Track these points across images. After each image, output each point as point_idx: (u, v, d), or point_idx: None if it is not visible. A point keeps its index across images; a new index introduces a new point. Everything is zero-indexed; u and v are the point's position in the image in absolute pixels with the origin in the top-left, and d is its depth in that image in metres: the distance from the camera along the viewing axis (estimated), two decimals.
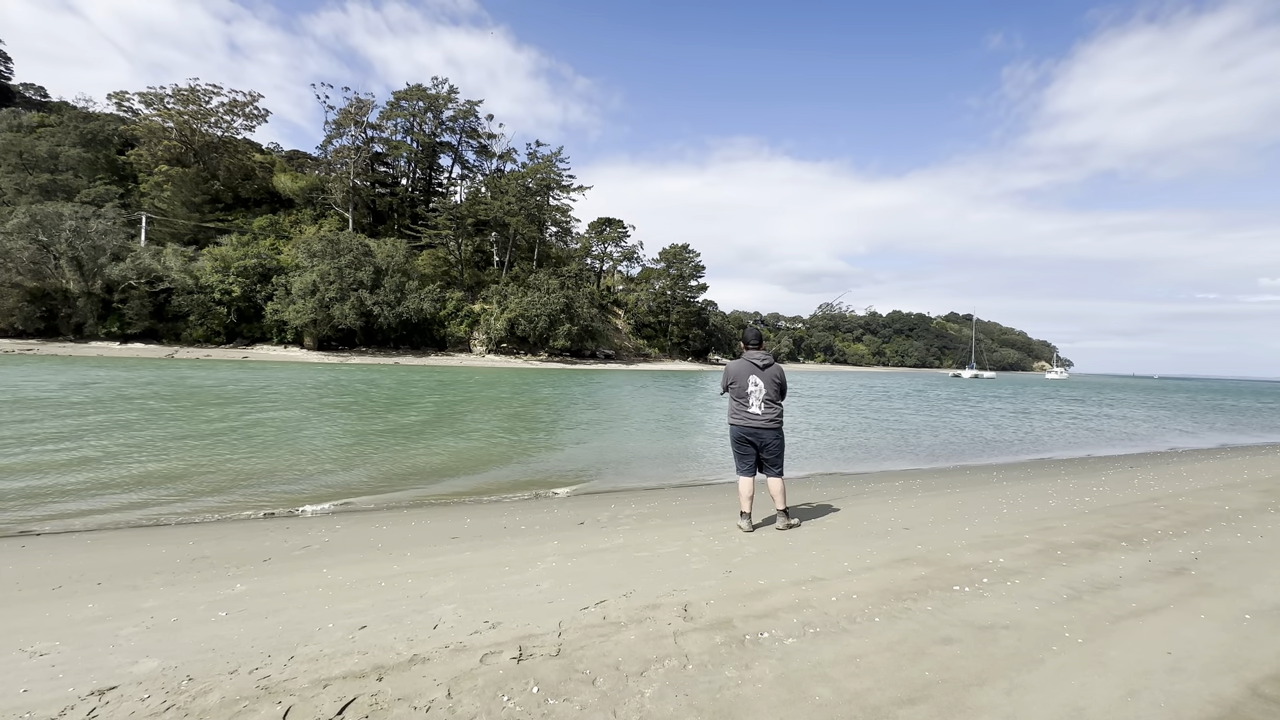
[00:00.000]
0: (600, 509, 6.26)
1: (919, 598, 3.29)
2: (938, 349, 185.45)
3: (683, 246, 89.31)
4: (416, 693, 2.26)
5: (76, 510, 6.05)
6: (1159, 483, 7.55)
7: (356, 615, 3.08)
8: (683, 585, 3.50)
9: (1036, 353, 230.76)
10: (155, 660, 2.57)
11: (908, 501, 6.38)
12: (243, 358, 49.33)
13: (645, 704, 2.20)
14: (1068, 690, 2.34)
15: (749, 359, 4.81)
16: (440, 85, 75.26)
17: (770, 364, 4.80)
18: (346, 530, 5.40)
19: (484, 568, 3.97)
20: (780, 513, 4.94)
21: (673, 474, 8.96)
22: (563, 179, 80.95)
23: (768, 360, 4.79)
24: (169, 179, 60.74)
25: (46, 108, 67.60)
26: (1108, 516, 5.47)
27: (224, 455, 8.92)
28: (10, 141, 56.25)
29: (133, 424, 11.54)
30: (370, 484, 7.60)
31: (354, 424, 13.08)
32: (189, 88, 64.47)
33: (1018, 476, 8.55)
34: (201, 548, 4.78)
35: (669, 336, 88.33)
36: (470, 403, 19.58)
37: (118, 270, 48.94)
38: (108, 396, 16.13)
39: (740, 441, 4.82)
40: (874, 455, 11.58)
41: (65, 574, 4.09)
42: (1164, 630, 2.92)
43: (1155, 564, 4.00)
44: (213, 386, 20.92)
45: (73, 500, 6.36)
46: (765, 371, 4.77)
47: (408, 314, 58.97)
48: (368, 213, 74.49)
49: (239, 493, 6.94)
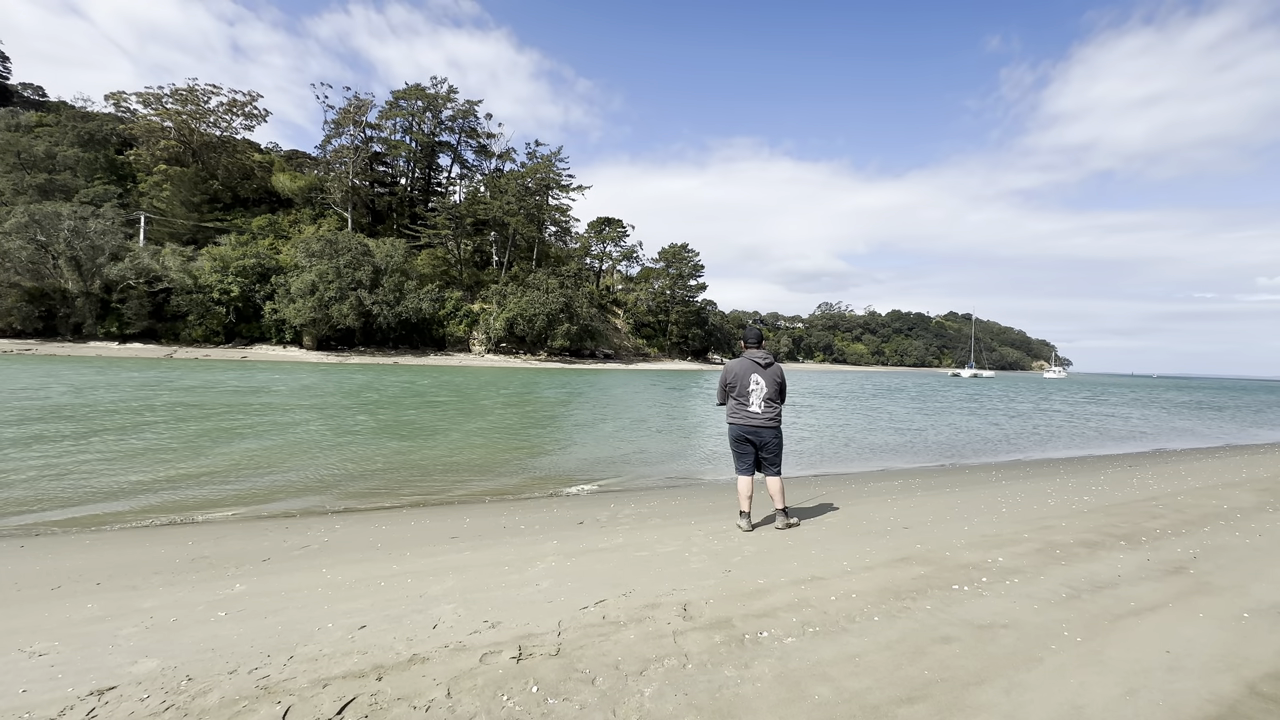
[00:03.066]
0: (599, 508, 6.26)
1: (918, 597, 3.30)
2: (937, 348, 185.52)
3: (682, 246, 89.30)
4: (416, 692, 2.26)
5: (75, 510, 6.04)
6: (1158, 482, 7.56)
7: (356, 615, 3.08)
8: (682, 584, 3.50)
9: (1035, 352, 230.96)
10: (154, 660, 2.57)
11: (907, 500, 6.38)
12: (241, 357, 49.29)
13: (645, 703, 2.20)
14: (1067, 689, 2.34)
15: (750, 358, 4.82)
16: (439, 85, 75.22)
17: (771, 363, 4.81)
18: (346, 530, 5.40)
19: (483, 567, 3.97)
20: (779, 512, 4.95)
21: (672, 473, 8.97)
22: (562, 179, 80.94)
23: (769, 359, 4.80)
24: (167, 179, 60.68)
25: (44, 107, 67.43)
26: (1106, 515, 5.48)
27: (225, 455, 8.91)
28: (8, 141, 56.13)
29: (132, 424, 11.53)
30: (369, 484, 7.59)
31: (354, 425, 13.07)
32: (187, 87, 64.40)
33: (1017, 476, 8.56)
34: (200, 548, 4.78)
35: (668, 336, 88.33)
36: (469, 403, 19.58)
37: (116, 270, 48.87)
38: (109, 397, 16.10)
39: (739, 440, 4.84)
40: (874, 454, 11.59)
41: (64, 574, 4.09)
42: (1163, 629, 2.92)
43: (1154, 563, 4.01)
44: (211, 387, 20.89)
45: (72, 500, 6.35)
46: (766, 371, 4.78)
47: (407, 314, 58.94)
48: (367, 212, 74.43)
49: (238, 493, 6.93)
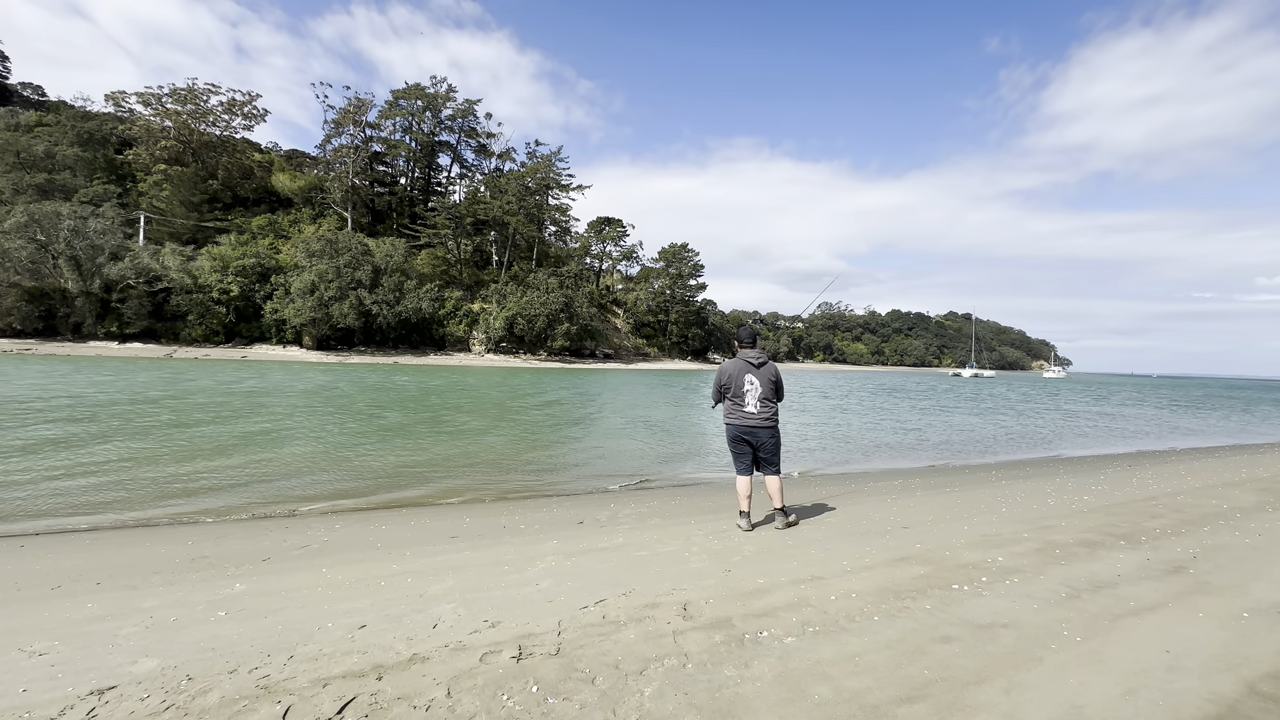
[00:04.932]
0: (599, 508, 6.26)
1: (918, 596, 3.30)
2: (937, 348, 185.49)
3: (682, 246, 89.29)
4: (416, 692, 2.26)
5: (75, 510, 6.04)
6: (1157, 481, 7.56)
7: (356, 615, 3.08)
8: (682, 584, 3.50)
9: (1035, 351, 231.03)
10: (154, 660, 2.57)
11: (907, 500, 6.38)
12: (241, 357, 49.27)
13: (645, 703, 2.20)
14: (1066, 688, 2.34)
15: (744, 358, 4.81)
16: (439, 84, 75.22)
17: (765, 363, 4.80)
18: (346, 530, 5.39)
19: (483, 567, 3.97)
20: (778, 511, 4.95)
21: (672, 473, 8.97)
22: (562, 178, 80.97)
23: (763, 359, 4.80)
24: (167, 178, 60.65)
25: (44, 107, 67.41)
26: (1106, 515, 5.48)
27: (225, 455, 8.91)
28: (8, 141, 56.09)
29: (132, 423, 11.53)
30: (369, 485, 7.59)
31: (353, 425, 13.07)
32: (187, 87, 64.36)
33: (1016, 475, 8.56)
34: (200, 547, 4.78)
35: (668, 336, 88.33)
36: (469, 402, 19.57)
37: (116, 270, 48.86)
38: (107, 399, 16.09)
39: (736, 441, 4.84)
40: (873, 454, 11.59)
41: (64, 574, 4.09)
42: (1162, 629, 2.92)
43: (1154, 563, 4.01)
44: (221, 388, 20.89)
45: (71, 500, 6.35)
46: (761, 370, 4.77)
47: (407, 313, 58.93)
48: (366, 212, 74.42)
49: (238, 492, 6.93)
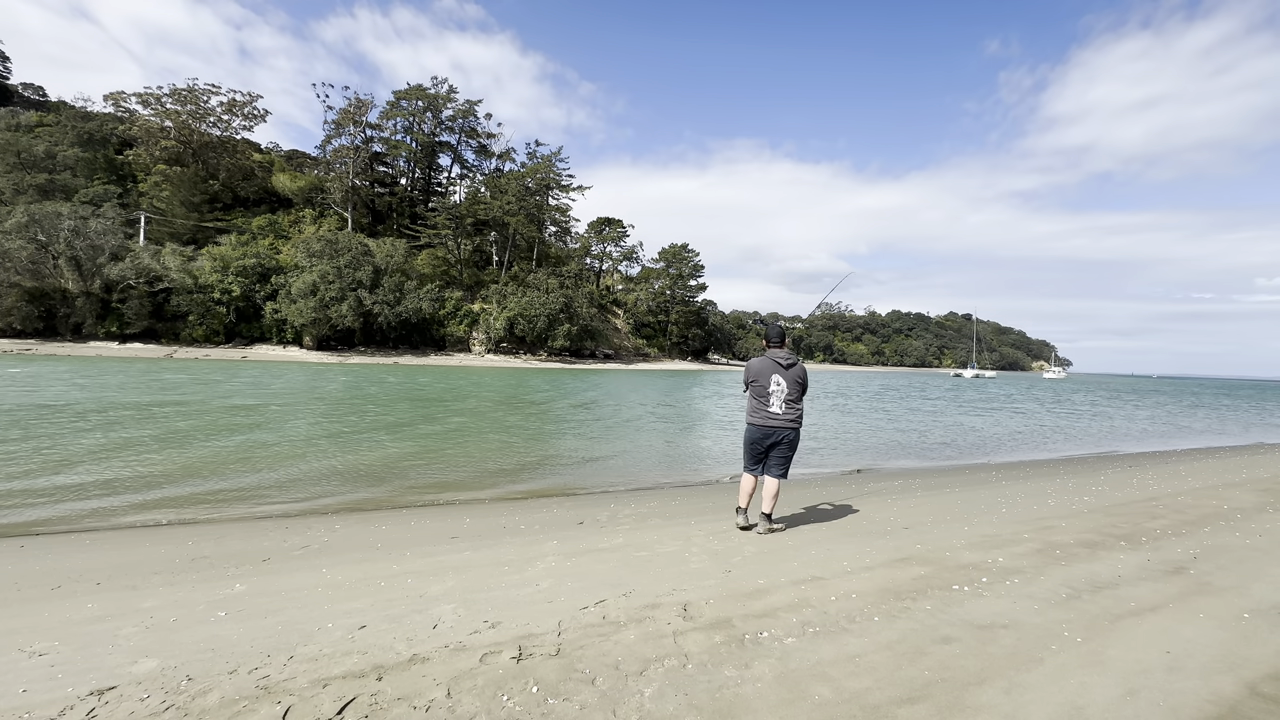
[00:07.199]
0: (599, 508, 6.25)
1: (918, 597, 3.30)
2: (937, 348, 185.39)
3: (682, 246, 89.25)
4: (416, 692, 2.26)
5: (75, 510, 6.03)
6: (1158, 482, 7.56)
7: (356, 615, 3.07)
8: (682, 585, 3.50)
9: (1035, 352, 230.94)
10: (154, 660, 2.57)
11: (907, 501, 6.38)
12: (242, 357, 49.26)
13: (645, 703, 2.20)
14: (1067, 689, 2.34)
15: (772, 357, 4.69)
16: (439, 85, 75.20)
17: (794, 363, 4.67)
18: (346, 530, 5.39)
19: (483, 567, 3.97)
20: (763, 516, 4.81)
21: (672, 473, 8.96)
22: (562, 179, 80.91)
23: (792, 360, 4.66)
24: (167, 179, 60.61)
25: (44, 107, 67.39)
26: (1106, 516, 5.48)
27: (225, 455, 8.91)
28: (8, 141, 56.07)
29: (129, 425, 11.53)
30: (368, 485, 7.59)
31: (353, 426, 13.07)
32: (187, 87, 64.36)
33: (1017, 476, 8.55)
34: (201, 548, 4.77)
35: (668, 336, 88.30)
36: (469, 402, 19.57)
37: (116, 270, 48.82)
38: (109, 398, 16.09)
39: (757, 440, 4.72)
40: (873, 454, 11.58)
41: (64, 574, 4.08)
42: (1163, 629, 2.92)
43: (1154, 563, 4.01)
44: (238, 391, 20.89)
45: (71, 500, 6.35)
46: (789, 371, 4.64)
47: (407, 314, 58.92)
48: (367, 212, 74.39)
49: (238, 493, 6.93)
